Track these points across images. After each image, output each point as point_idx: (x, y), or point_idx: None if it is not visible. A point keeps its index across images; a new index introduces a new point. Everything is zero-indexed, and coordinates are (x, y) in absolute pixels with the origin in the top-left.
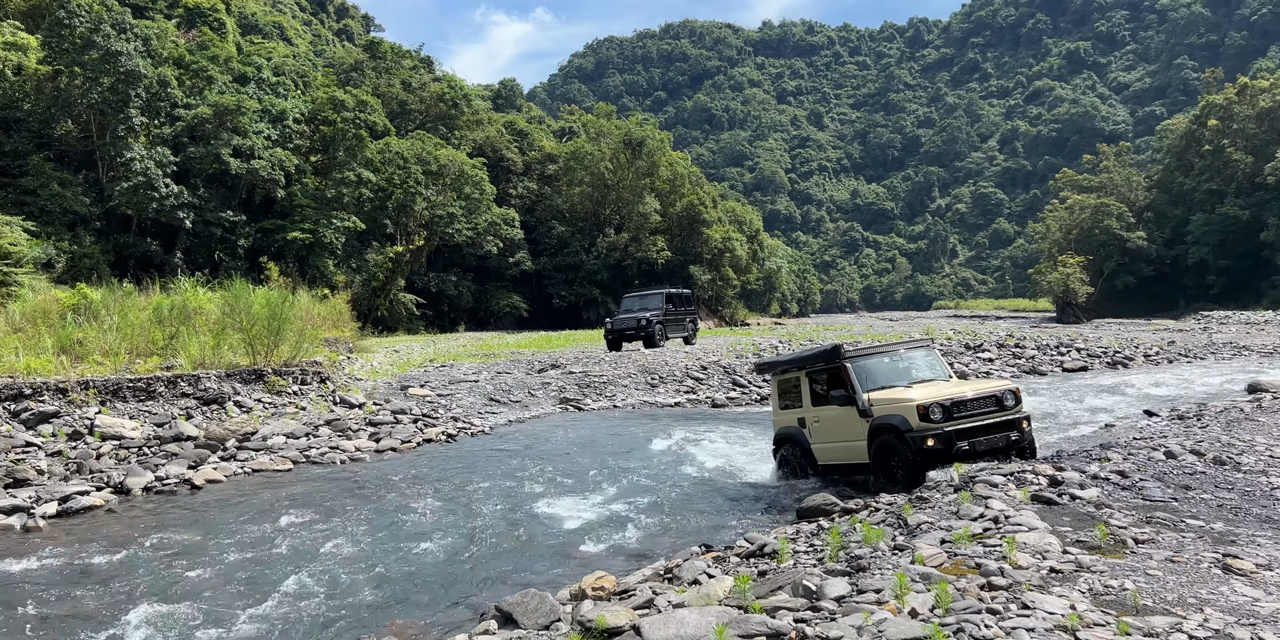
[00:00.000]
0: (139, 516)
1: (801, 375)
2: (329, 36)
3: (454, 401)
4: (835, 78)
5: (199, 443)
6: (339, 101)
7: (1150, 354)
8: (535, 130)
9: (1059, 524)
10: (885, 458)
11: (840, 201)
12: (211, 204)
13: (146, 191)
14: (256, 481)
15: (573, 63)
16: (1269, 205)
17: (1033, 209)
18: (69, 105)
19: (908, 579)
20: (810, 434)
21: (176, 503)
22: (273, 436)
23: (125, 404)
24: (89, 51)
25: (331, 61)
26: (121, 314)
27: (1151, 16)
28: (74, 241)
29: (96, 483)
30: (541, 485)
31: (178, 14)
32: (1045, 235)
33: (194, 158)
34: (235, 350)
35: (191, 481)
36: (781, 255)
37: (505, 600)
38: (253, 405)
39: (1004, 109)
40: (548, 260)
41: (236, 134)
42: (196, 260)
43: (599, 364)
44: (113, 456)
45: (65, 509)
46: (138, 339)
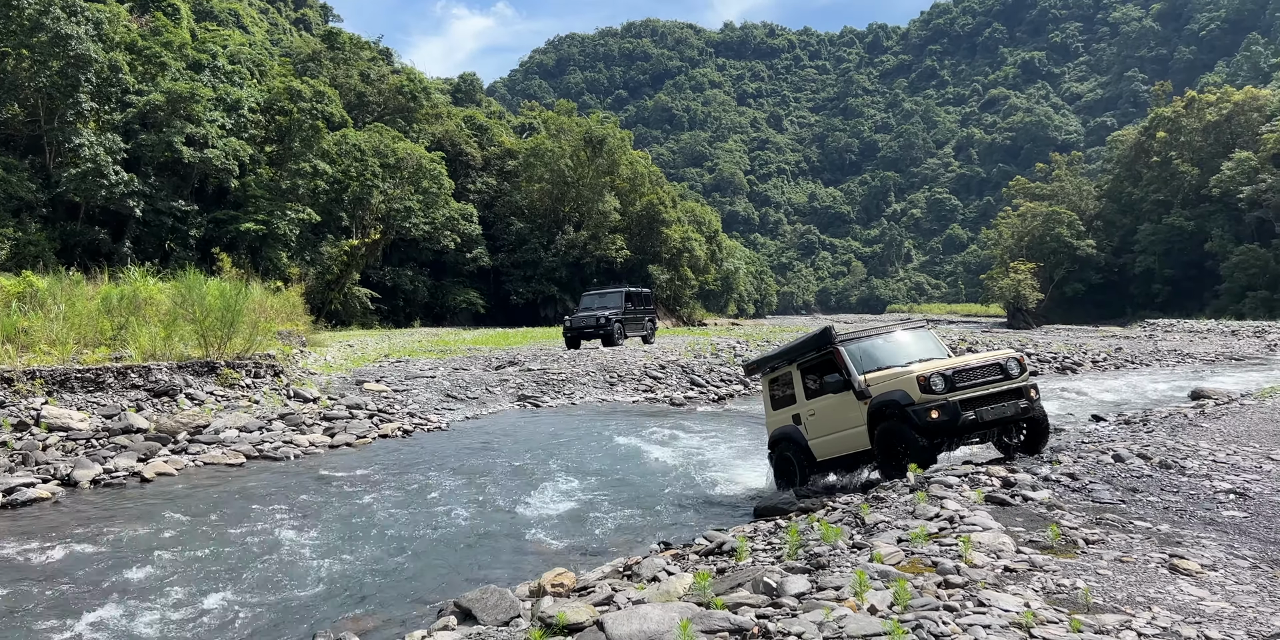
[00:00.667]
0: (87, 509)
1: (793, 369)
2: (286, 26)
3: (410, 397)
4: (795, 81)
5: (149, 435)
6: (296, 91)
7: (1098, 360)
8: (495, 125)
9: (1012, 524)
10: (889, 440)
11: (798, 204)
12: (163, 193)
13: (95, 178)
14: (208, 475)
15: (534, 58)
16: (1213, 217)
17: (986, 215)
18: (15, 88)
19: (867, 576)
20: (807, 429)
21: (126, 496)
22: (225, 430)
23: (73, 395)
24: (37, 34)
25: (288, 51)
26: (69, 303)
27: (1104, 29)
28: (18, 228)
29: (43, 474)
30: (499, 482)
31: None
32: (998, 242)
33: (145, 145)
34: (187, 342)
35: (141, 474)
36: (739, 256)
37: (464, 596)
38: (205, 398)
39: (960, 116)
40: (506, 257)
41: (190, 122)
42: (146, 250)
43: (557, 361)
44: (60, 448)
45: (10, 501)
46: (86, 329)
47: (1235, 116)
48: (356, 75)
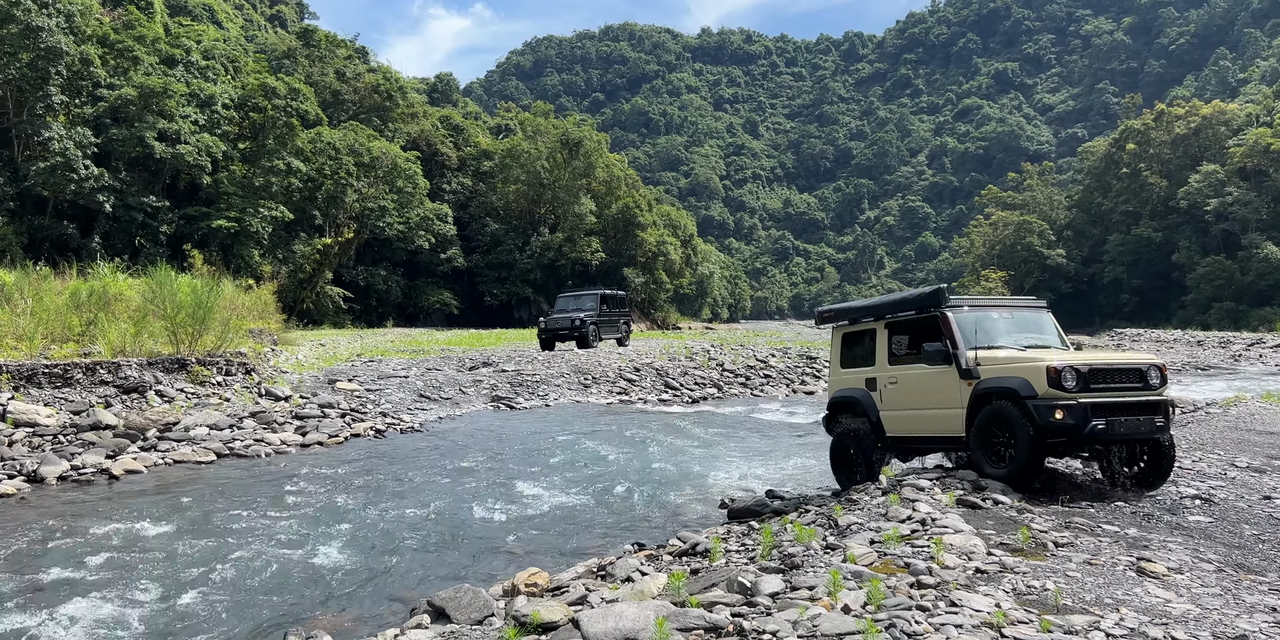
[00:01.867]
0: (53, 506)
1: (879, 327)
2: (261, 22)
3: (383, 397)
4: (771, 87)
5: (118, 432)
6: (270, 88)
7: None
8: (471, 126)
9: (983, 527)
10: (991, 432)
11: (773, 210)
12: (133, 188)
13: (64, 173)
14: (178, 473)
15: (511, 60)
16: (1180, 228)
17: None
18: None
19: (841, 576)
20: (881, 398)
21: (93, 493)
22: (195, 427)
23: (40, 390)
24: (7, 26)
25: (263, 47)
26: (37, 298)
27: (1076, 41)
28: None
29: (8, 470)
30: (472, 482)
31: None
32: (969, 250)
33: (116, 140)
34: (157, 338)
35: (110, 471)
36: (714, 261)
37: (438, 595)
38: (175, 395)
39: (934, 125)
40: (480, 258)
41: (162, 117)
42: (116, 245)
43: (532, 363)
44: (26, 444)
45: None
46: (54, 324)
47: (1203, 130)
48: (332, 73)
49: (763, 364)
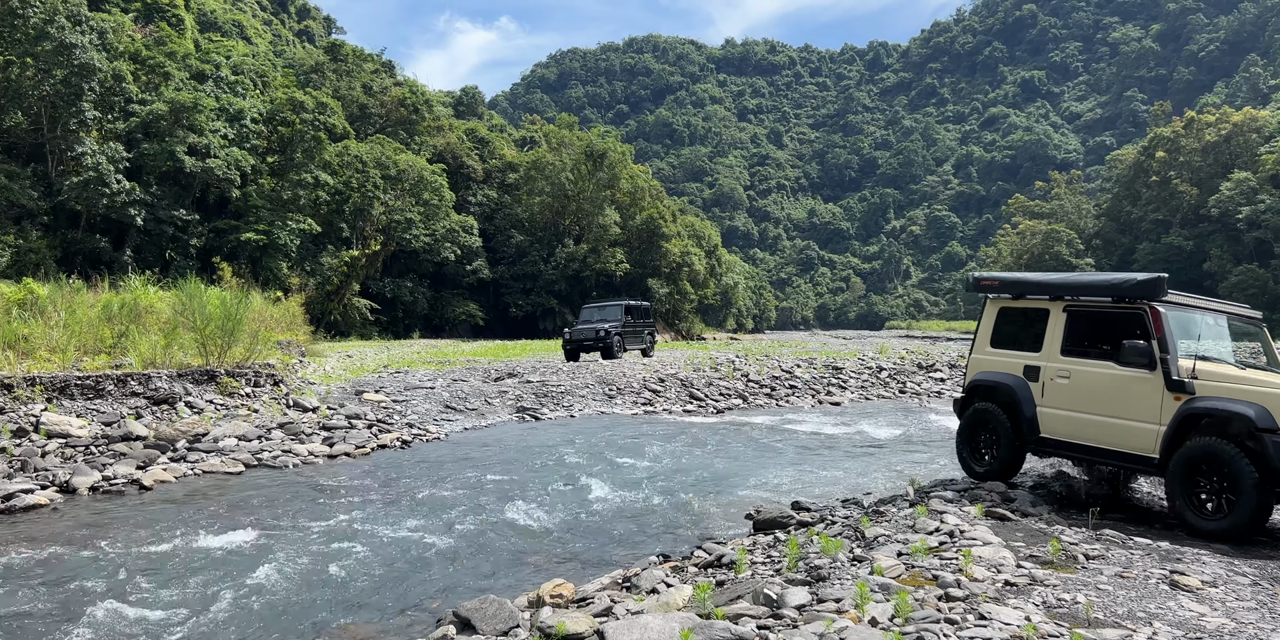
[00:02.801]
0: (85, 516)
1: (1055, 309)
2: (289, 37)
3: (409, 408)
4: (795, 97)
5: (148, 443)
6: (298, 102)
7: None
8: (496, 138)
9: (1012, 539)
10: (1199, 467)
11: (797, 220)
12: (164, 202)
13: (97, 187)
14: (207, 483)
15: (535, 72)
16: (1212, 236)
17: (985, 233)
18: (19, 97)
19: (868, 589)
20: (1043, 392)
21: (124, 503)
22: (224, 438)
23: (72, 402)
24: (42, 43)
25: (291, 62)
26: (70, 311)
27: (1104, 49)
28: (20, 236)
29: (41, 481)
30: (497, 492)
31: (135, 8)
32: (997, 259)
33: (147, 154)
34: (187, 350)
35: (140, 482)
36: (739, 271)
37: (463, 605)
38: (204, 406)
39: (959, 134)
40: (505, 269)
41: (192, 132)
42: (147, 258)
43: (556, 374)
44: (59, 455)
45: (8, 507)
46: (86, 336)
47: (1234, 137)
48: (359, 87)
49: (788, 374)
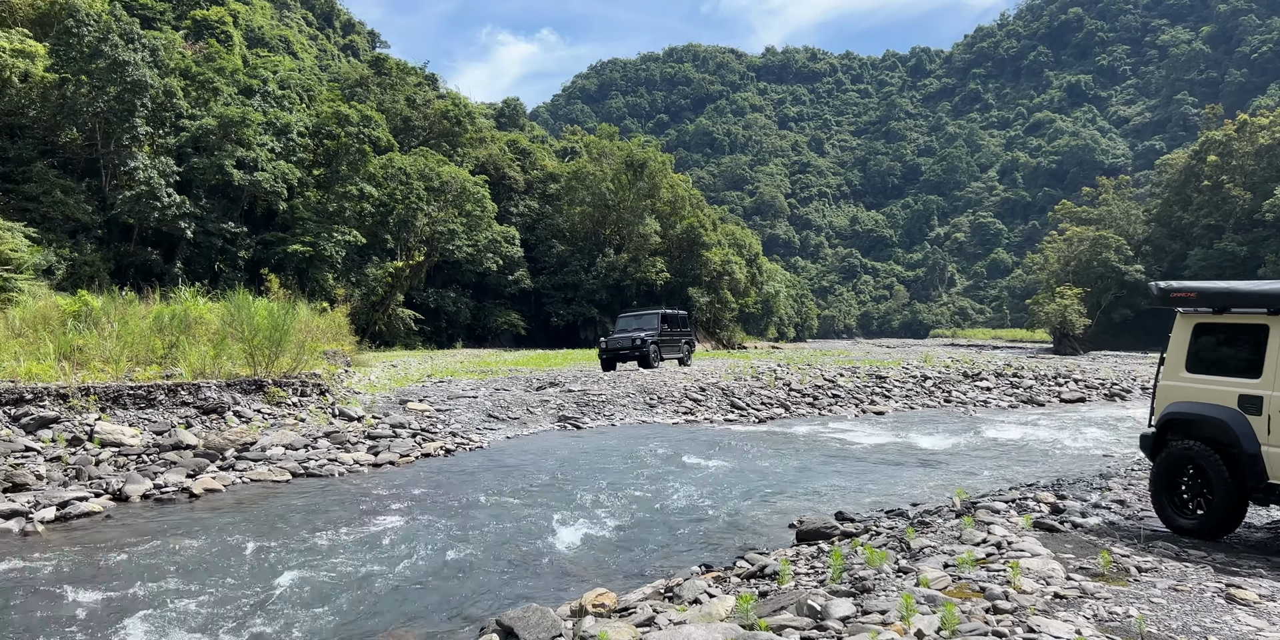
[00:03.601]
0: (137, 524)
1: (1274, 322)
2: (334, 52)
3: (452, 417)
4: (837, 105)
5: (198, 452)
6: (343, 116)
7: (1148, 387)
8: (537, 149)
9: (1061, 551)
10: None
11: (839, 227)
12: (213, 215)
13: (149, 201)
14: (254, 492)
15: (576, 83)
16: (1267, 242)
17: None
18: (74, 113)
19: (914, 601)
20: (1270, 428)
21: (174, 511)
22: (271, 447)
23: (125, 411)
24: (96, 60)
25: (337, 76)
26: (122, 322)
27: (1152, 52)
28: (75, 249)
29: (95, 489)
30: (539, 501)
31: (185, 26)
32: (1043, 266)
33: (197, 168)
34: (235, 360)
35: (190, 490)
36: (780, 279)
37: (506, 614)
38: (252, 416)
39: (1004, 140)
40: (547, 279)
41: (240, 146)
42: (196, 270)
43: (597, 383)
44: (112, 463)
45: (64, 514)
46: (138, 347)
47: None
48: (403, 100)
49: (830, 383)
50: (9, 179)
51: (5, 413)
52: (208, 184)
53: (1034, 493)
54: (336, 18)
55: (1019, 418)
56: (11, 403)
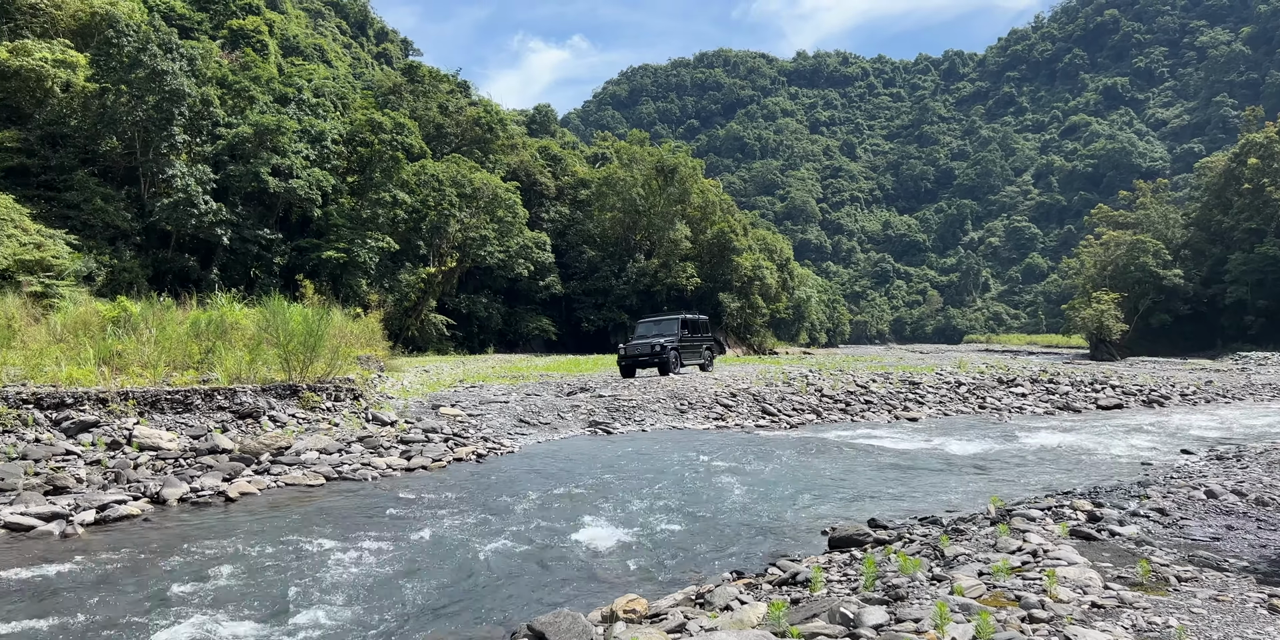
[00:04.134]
0: (174, 527)
1: None
2: (368, 60)
3: (484, 422)
4: (869, 109)
5: (234, 456)
6: (377, 123)
7: (1187, 393)
8: (568, 155)
9: (1099, 559)
10: None
11: (872, 232)
12: (249, 221)
13: (186, 208)
14: (289, 496)
15: (607, 90)
16: None
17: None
18: (114, 122)
19: (948, 609)
20: None
21: (211, 514)
22: (306, 452)
23: (163, 415)
24: (136, 70)
25: (370, 84)
26: (160, 327)
27: (1191, 53)
28: (114, 255)
29: (133, 492)
30: (571, 507)
31: (222, 35)
32: (1079, 271)
33: (233, 176)
34: (270, 365)
35: (226, 494)
36: (811, 285)
37: (537, 619)
38: (287, 420)
39: (1039, 143)
40: (577, 284)
41: (276, 153)
42: (232, 276)
43: (628, 388)
44: (150, 467)
45: (103, 517)
46: (175, 352)
47: None
48: (435, 107)
49: (863, 389)
50: (51, 187)
51: (47, 416)
52: (244, 191)
53: (1070, 500)
54: (370, 26)
55: (1054, 424)
56: (53, 407)
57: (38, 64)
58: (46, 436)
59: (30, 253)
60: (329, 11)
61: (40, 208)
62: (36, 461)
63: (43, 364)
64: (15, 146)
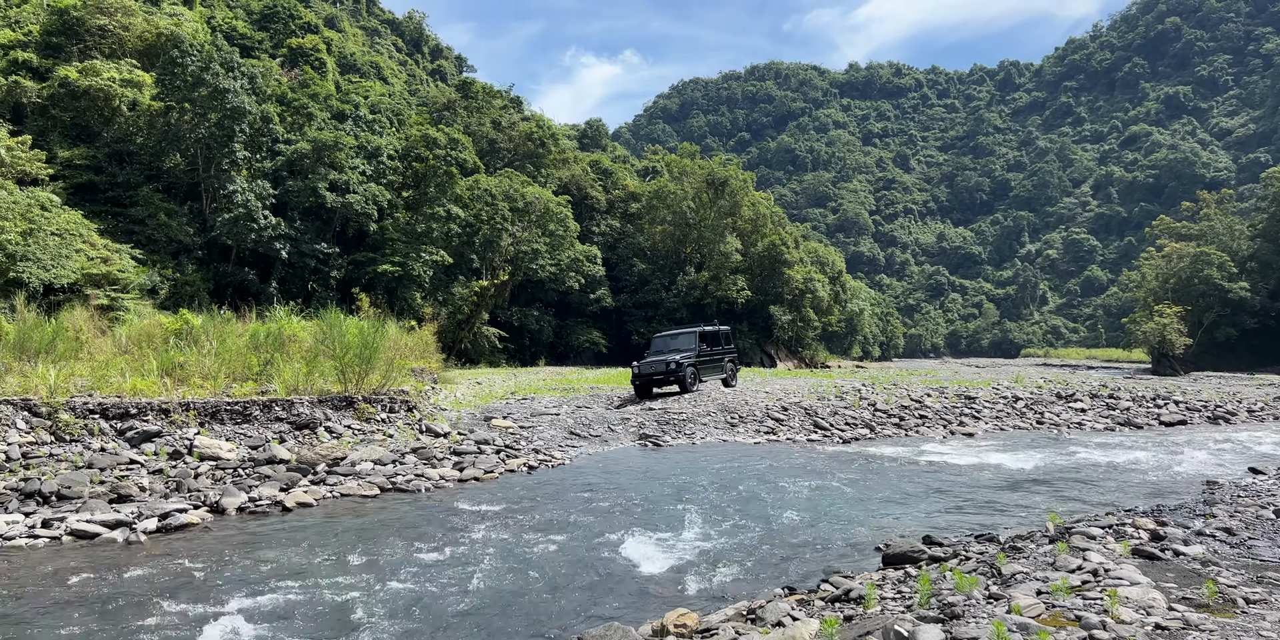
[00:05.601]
0: (233, 536)
1: None
2: (423, 76)
3: (535, 434)
4: (923, 120)
5: (291, 466)
6: (431, 139)
7: (1255, 409)
8: (619, 169)
9: (1162, 580)
10: None
11: (926, 244)
12: (307, 236)
13: (246, 223)
14: (344, 506)
15: (658, 103)
16: None
17: (1127, 256)
18: (178, 139)
19: (1005, 628)
20: None
21: (268, 524)
22: (361, 462)
23: (222, 426)
24: (199, 88)
25: (425, 100)
26: (220, 340)
27: (1256, 61)
28: (177, 269)
29: (194, 501)
30: (621, 520)
31: (282, 54)
32: (1140, 284)
33: (292, 191)
34: (327, 377)
35: (283, 504)
36: (864, 297)
37: (588, 633)
38: (343, 431)
39: (1098, 154)
40: (628, 297)
41: (333, 169)
42: (290, 290)
43: (678, 401)
44: (209, 476)
45: (164, 525)
46: (235, 364)
47: None
48: (489, 123)
49: (917, 404)
50: (118, 203)
51: (112, 426)
52: (302, 206)
53: (1132, 518)
54: (425, 43)
55: (1115, 440)
56: (118, 417)
57: (106, 84)
58: (111, 446)
59: (97, 267)
60: (385, 30)
61: (107, 223)
62: (102, 470)
63: (108, 375)
64: (84, 164)
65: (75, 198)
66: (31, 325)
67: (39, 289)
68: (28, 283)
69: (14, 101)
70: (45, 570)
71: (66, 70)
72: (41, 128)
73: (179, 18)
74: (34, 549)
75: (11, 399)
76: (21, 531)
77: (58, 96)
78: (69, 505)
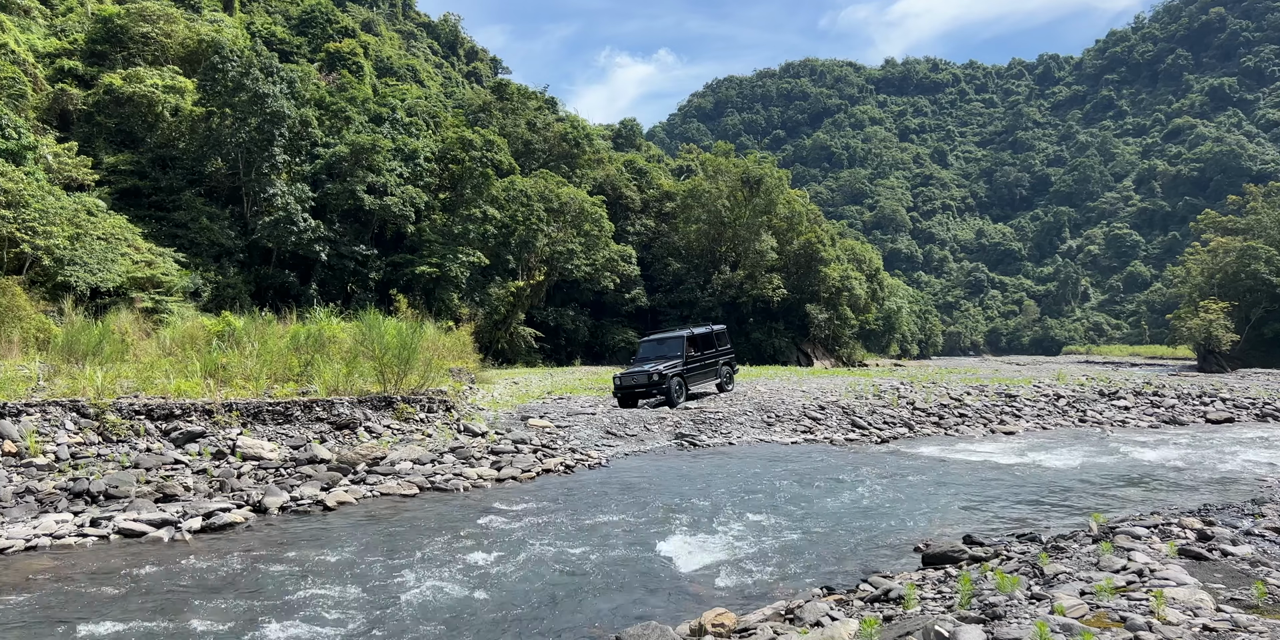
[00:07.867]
0: (275, 535)
1: None
2: (459, 78)
3: (572, 433)
4: (960, 115)
5: (331, 466)
6: (467, 141)
7: None
8: (654, 169)
9: (1210, 580)
10: None
11: (964, 241)
12: (346, 238)
13: (286, 225)
14: (384, 506)
15: (692, 102)
16: None
17: (1171, 252)
18: (219, 144)
19: (1048, 629)
20: None
21: (309, 523)
22: (400, 462)
23: (264, 426)
24: (239, 94)
25: (461, 102)
26: (262, 341)
27: None
28: (219, 272)
29: (237, 500)
30: (658, 519)
31: (320, 58)
32: (1185, 279)
33: (331, 194)
34: (366, 378)
35: (324, 503)
36: (902, 295)
37: (625, 631)
38: (382, 431)
39: (1140, 147)
40: (663, 296)
41: (371, 172)
42: (330, 291)
43: (714, 400)
44: (252, 476)
45: (208, 524)
46: (276, 365)
47: None
48: (524, 124)
49: (957, 402)
50: (161, 207)
51: (157, 427)
52: (340, 208)
53: (1178, 518)
54: (461, 46)
55: (1160, 439)
56: (163, 417)
57: (149, 90)
58: (156, 446)
59: (142, 270)
60: (421, 33)
61: (151, 227)
62: (148, 470)
63: (153, 376)
64: (129, 169)
65: (120, 202)
66: (79, 328)
67: (86, 292)
68: (75, 286)
69: (61, 108)
70: (93, 568)
71: (111, 77)
72: (87, 134)
73: (219, 24)
74: (82, 547)
75: (60, 400)
76: (70, 530)
77: (103, 103)
78: (116, 504)
